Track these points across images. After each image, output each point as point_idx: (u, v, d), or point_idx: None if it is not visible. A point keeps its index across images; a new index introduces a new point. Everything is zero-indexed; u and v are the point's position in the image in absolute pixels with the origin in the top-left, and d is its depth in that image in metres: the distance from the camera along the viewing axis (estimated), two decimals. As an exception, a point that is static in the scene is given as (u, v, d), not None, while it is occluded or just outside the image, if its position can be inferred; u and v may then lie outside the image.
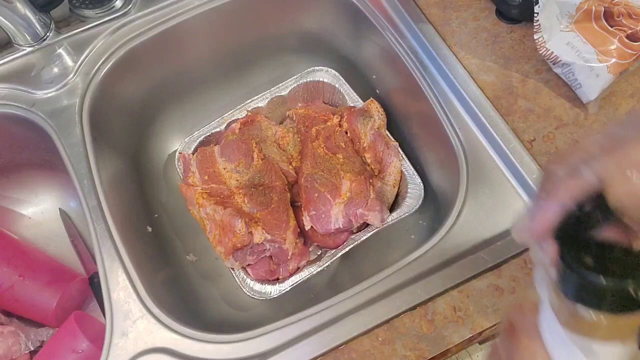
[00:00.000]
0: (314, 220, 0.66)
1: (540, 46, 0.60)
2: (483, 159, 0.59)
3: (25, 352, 0.68)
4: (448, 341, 0.50)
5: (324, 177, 0.68)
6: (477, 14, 0.69)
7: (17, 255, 0.72)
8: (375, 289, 0.53)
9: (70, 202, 0.80)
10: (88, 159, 0.62)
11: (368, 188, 0.67)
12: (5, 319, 0.71)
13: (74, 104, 0.65)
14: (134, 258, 0.57)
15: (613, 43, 0.57)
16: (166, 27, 0.70)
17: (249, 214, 0.67)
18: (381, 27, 0.70)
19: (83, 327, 0.64)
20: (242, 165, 0.70)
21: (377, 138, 0.71)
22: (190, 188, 0.70)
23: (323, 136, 0.72)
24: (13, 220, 0.79)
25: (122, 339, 0.52)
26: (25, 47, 0.69)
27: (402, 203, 0.68)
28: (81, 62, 0.68)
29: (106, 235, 0.58)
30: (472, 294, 0.52)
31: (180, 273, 0.69)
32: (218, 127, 0.76)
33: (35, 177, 0.79)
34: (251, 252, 0.65)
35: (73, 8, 0.71)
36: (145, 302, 0.54)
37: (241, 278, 0.66)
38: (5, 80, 0.67)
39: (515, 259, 0.54)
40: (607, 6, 0.57)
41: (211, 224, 0.67)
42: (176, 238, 0.73)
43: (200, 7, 0.71)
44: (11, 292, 0.69)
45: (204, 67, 0.78)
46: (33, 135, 0.67)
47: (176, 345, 0.52)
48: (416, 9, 0.70)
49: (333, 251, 0.67)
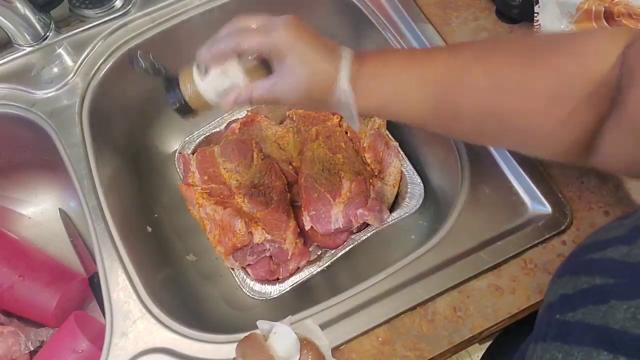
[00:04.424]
0: (314, 220, 0.66)
1: (540, 46, 0.60)
2: (483, 159, 0.59)
3: (25, 352, 0.68)
4: (448, 341, 0.50)
5: (324, 177, 0.68)
6: (477, 14, 0.69)
7: (17, 255, 0.72)
8: (375, 289, 0.53)
9: (70, 202, 0.79)
10: (88, 159, 0.62)
11: (368, 188, 0.67)
12: (5, 319, 0.71)
13: (73, 104, 0.65)
14: (134, 258, 0.57)
15: (613, 43, 0.57)
16: (166, 27, 0.70)
17: (249, 214, 0.67)
18: (381, 27, 0.70)
19: (83, 327, 0.64)
20: (242, 165, 0.70)
21: (377, 138, 0.71)
22: (190, 188, 0.70)
23: (323, 136, 0.72)
24: (13, 220, 0.79)
25: (122, 339, 0.52)
26: (25, 47, 0.69)
27: (402, 203, 0.68)
28: (81, 62, 0.68)
29: (106, 235, 0.58)
30: (472, 294, 0.52)
31: (180, 273, 0.69)
32: (218, 127, 0.76)
33: (35, 177, 0.79)
34: (251, 252, 0.65)
35: (73, 8, 0.71)
36: (145, 302, 0.54)
37: (241, 278, 0.66)
38: (5, 80, 0.67)
39: (515, 259, 0.54)
40: (607, 6, 0.57)
41: (211, 224, 0.67)
42: (176, 238, 0.73)
43: (200, 7, 0.71)
44: (11, 292, 0.69)
45: (204, 67, 0.78)
46: (33, 135, 0.67)
47: (176, 345, 0.51)
48: (416, 8, 0.70)
49: (333, 251, 0.67)
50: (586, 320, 0.29)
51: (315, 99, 0.46)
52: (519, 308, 0.51)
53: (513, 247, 0.54)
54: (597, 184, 0.56)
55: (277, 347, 0.43)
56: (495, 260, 0.53)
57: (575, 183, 0.57)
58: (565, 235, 0.54)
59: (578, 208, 0.55)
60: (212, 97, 0.49)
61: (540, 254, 0.54)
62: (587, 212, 0.55)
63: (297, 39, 0.44)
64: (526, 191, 0.57)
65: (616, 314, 0.28)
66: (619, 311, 0.28)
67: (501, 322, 0.51)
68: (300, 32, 0.45)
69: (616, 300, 0.28)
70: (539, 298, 0.51)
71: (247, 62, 0.47)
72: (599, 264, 0.32)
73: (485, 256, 0.53)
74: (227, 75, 0.47)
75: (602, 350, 0.27)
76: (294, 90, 0.45)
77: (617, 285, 0.29)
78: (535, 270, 0.53)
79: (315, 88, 0.45)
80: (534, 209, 0.56)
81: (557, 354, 0.30)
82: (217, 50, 0.47)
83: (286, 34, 0.44)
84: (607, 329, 0.28)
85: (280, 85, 0.46)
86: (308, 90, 0.45)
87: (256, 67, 0.48)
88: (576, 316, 0.30)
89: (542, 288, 0.52)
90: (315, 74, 0.45)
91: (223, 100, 0.49)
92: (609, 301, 0.28)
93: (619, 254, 0.30)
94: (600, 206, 0.55)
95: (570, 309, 0.31)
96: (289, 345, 0.43)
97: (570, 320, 0.31)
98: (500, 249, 0.54)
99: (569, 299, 0.32)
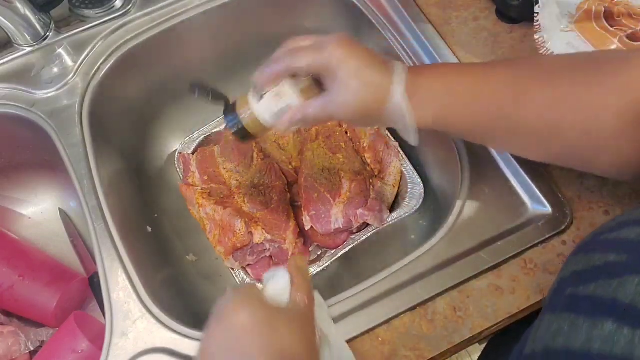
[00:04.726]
0: (314, 220, 0.66)
1: (540, 46, 0.60)
2: (483, 159, 0.59)
3: (25, 352, 0.68)
4: (448, 341, 0.50)
5: (324, 177, 0.68)
6: (477, 14, 0.69)
7: (17, 255, 0.72)
8: (375, 289, 0.53)
9: (70, 202, 0.79)
10: (88, 159, 0.62)
11: (368, 188, 0.67)
12: (5, 319, 0.71)
13: (73, 104, 0.65)
14: (134, 258, 0.57)
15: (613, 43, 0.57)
16: (166, 27, 0.70)
17: (249, 214, 0.67)
18: (381, 27, 0.70)
19: (83, 327, 0.64)
20: (242, 165, 0.70)
21: (377, 138, 0.71)
22: (190, 188, 0.70)
23: (323, 136, 0.72)
24: (13, 220, 0.79)
25: (122, 339, 0.52)
26: (25, 47, 0.69)
27: (402, 203, 0.68)
28: (81, 62, 0.68)
29: (106, 235, 0.58)
30: (472, 294, 0.52)
31: (180, 273, 0.69)
32: (218, 127, 0.76)
33: (35, 177, 0.78)
34: (251, 252, 0.65)
35: (73, 8, 0.71)
36: (145, 302, 0.54)
37: (241, 278, 0.66)
38: (5, 80, 0.67)
39: (515, 259, 0.54)
40: (608, 6, 0.57)
41: (211, 224, 0.67)
42: (176, 238, 0.73)
43: (200, 7, 0.71)
44: (11, 292, 0.69)
45: (204, 66, 0.78)
46: (33, 135, 0.67)
47: (176, 345, 0.51)
48: (416, 8, 0.70)
49: (333, 251, 0.67)
50: (597, 293, 0.30)
51: (368, 113, 0.46)
52: (519, 308, 0.51)
53: (513, 247, 0.54)
54: (597, 184, 0.56)
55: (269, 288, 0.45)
56: (495, 260, 0.53)
57: (575, 183, 0.57)
58: (565, 235, 0.54)
59: (578, 208, 0.55)
60: (268, 119, 0.49)
61: (541, 254, 0.54)
62: (587, 212, 0.55)
63: (349, 54, 0.45)
64: (526, 191, 0.57)
65: (627, 288, 0.28)
66: (631, 285, 0.28)
67: (501, 322, 0.51)
68: (351, 47, 0.45)
69: (629, 275, 0.28)
70: (539, 298, 0.51)
71: (300, 83, 0.48)
72: (614, 243, 0.32)
73: (485, 256, 0.53)
74: (281, 97, 0.48)
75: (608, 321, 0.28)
76: (347, 105, 0.46)
77: (631, 261, 0.29)
78: (536, 270, 0.53)
79: (368, 102, 0.45)
80: (534, 209, 0.56)
81: (563, 324, 0.30)
82: (271, 72, 0.48)
83: (338, 50, 0.45)
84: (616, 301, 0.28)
85: (333, 102, 0.46)
86: (361, 104, 0.45)
87: (309, 87, 0.48)
88: (587, 290, 0.31)
89: (542, 288, 0.52)
90: (368, 87, 0.45)
91: (278, 122, 0.49)
92: (622, 276, 0.29)
93: (635, 234, 0.31)
94: (600, 206, 0.55)
95: (581, 284, 0.32)
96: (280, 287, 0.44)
97: (580, 294, 0.31)
98: (500, 249, 0.54)
99: (582, 274, 0.32)
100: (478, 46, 0.66)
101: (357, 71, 0.45)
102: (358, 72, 0.45)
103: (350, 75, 0.45)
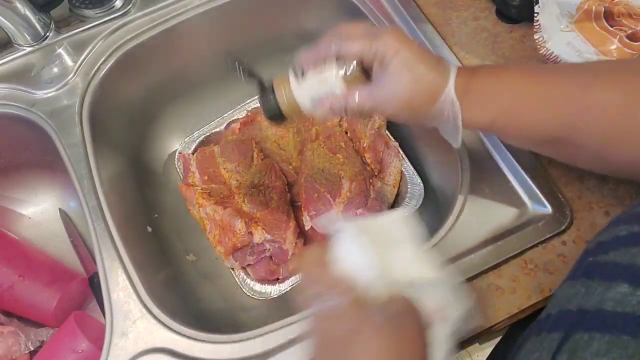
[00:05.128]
0: (314, 220, 0.66)
1: (540, 46, 0.60)
2: (483, 159, 0.59)
3: (25, 352, 0.68)
4: (448, 341, 0.50)
5: (324, 177, 0.68)
6: (477, 14, 0.69)
7: (17, 255, 0.72)
8: (375, 289, 0.53)
9: (70, 202, 0.79)
10: (88, 159, 0.62)
11: (368, 188, 0.67)
12: (5, 319, 0.71)
13: (73, 104, 0.65)
14: (134, 258, 0.57)
15: (613, 43, 0.57)
16: (166, 27, 0.70)
17: (249, 214, 0.67)
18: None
19: (83, 327, 0.64)
20: (242, 165, 0.70)
21: (377, 138, 0.71)
22: (190, 188, 0.70)
23: (323, 136, 0.72)
24: (13, 220, 0.79)
25: (122, 339, 0.52)
26: (25, 47, 0.69)
27: (402, 203, 0.68)
28: (81, 62, 0.68)
29: (106, 235, 0.58)
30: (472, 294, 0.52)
31: (180, 273, 0.69)
32: (218, 127, 0.76)
33: (35, 177, 0.79)
34: (251, 252, 0.65)
35: (73, 8, 0.71)
36: (145, 302, 0.54)
37: (241, 278, 0.66)
38: (5, 80, 0.67)
39: (515, 259, 0.54)
40: (608, 6, 0.57)
41: (211, 224, 0.67)
42: (176, 238, 0.73)
43: (200, 7, 0.71)
44: (11, 292, 0.69)
45: (204, 67, 0.78)
46: (33, 135, 0.67)
47: (176, 345, 0.51)
48: (416, 8, 0.70)
49: (333, 251, 0.67)
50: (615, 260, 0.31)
51: (416, 109, 0.45)
52: (519, 308, 0.51)
53: (513, 247, 0.54)
54: (597, 184, 0.56)
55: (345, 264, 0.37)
56: (495, 260, 0.53)
57: (575, 183, 0.57)
58: (566, 235, 0.54)
59: (578, 208, 0.55)
60: (307, 103, 0.47)
61: (541, 254, 0.53)
62: (587, 212, 0.55)
63: (404, 46, 0.43)
64: (526, 191, 0.57)
65: None
66: None
67: (501, 322, 0.51)
68: (406, 39, 0.44)
69: None
70: (539, 298, 0.51)
71: (346, 69, 0.46)
72: None
73: (485, 256, 0.53)
74: (324, 82, 0.46)
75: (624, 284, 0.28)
76: (395, 97, 0.44)
77: None
78: (536, 270, 0.53)
79: (417, 97, 0.44)
80: (534, 209, 0.56)
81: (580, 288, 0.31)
82: (317, 52, 0.46)
83: (394, 41, 0.43)
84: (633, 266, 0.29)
85: (380, 92, 0.44)
86: (411, 98, 0.44)
87: (356, 75, 0.46)
88: (607, 258, 0.31)
89: (542, 288, 0.52)
90: (420, 82, 0.44)
91: (318, 108, 0.47)
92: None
93: None
94: (600, 206, 0.55)
95: (603, 252, 0.32)
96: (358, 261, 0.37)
97: (599, 261, 0.32)
98: (500, 249, 0.54)
99: (605, 244, 0.33)
100: (478, 46, 0.66)
101: (412, 65, 0.43)
102: (412, 65, 0.43)
103: (404, 67, 0.43)
